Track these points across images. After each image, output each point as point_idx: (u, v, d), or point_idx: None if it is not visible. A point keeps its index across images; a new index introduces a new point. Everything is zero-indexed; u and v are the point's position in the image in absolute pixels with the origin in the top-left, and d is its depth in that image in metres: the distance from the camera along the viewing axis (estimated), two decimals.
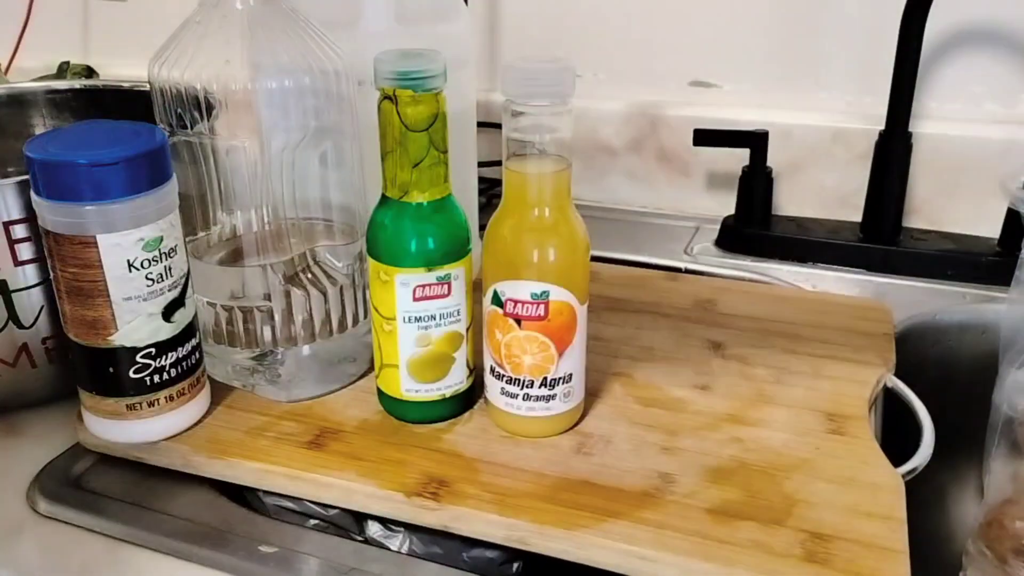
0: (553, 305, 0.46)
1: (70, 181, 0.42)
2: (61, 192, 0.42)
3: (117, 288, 0.44)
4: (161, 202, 0.45)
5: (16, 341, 0.51)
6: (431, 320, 0.48)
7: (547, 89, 0.43)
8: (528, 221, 0.46)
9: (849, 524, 0.42)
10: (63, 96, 0.71)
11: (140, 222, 0.44)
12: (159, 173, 0.44)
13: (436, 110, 0.45)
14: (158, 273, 0.45)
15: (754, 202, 0.78)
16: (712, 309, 0.64)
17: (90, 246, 0.43)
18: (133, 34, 1.06)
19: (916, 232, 0.76)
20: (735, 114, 0.81)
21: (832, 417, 0.51)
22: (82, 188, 0.42)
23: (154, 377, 0.47)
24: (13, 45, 1.03)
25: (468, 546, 0.46)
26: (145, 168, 0.43)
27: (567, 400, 0.48)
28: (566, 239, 0.46)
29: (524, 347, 0.47)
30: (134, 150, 0.43)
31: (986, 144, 0.75)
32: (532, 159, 0.45)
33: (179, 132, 0.48)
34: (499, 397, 0.49)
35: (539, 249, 0.45)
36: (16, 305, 0.50)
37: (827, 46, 0.79)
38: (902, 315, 0.66)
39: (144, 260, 0.44)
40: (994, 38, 0.74)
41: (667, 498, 0.44)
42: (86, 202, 0.42)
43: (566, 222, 0.46)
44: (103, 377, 0.46)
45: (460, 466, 0.47)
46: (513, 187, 0.46)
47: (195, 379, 0.49)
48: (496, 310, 0.47)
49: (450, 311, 0.48)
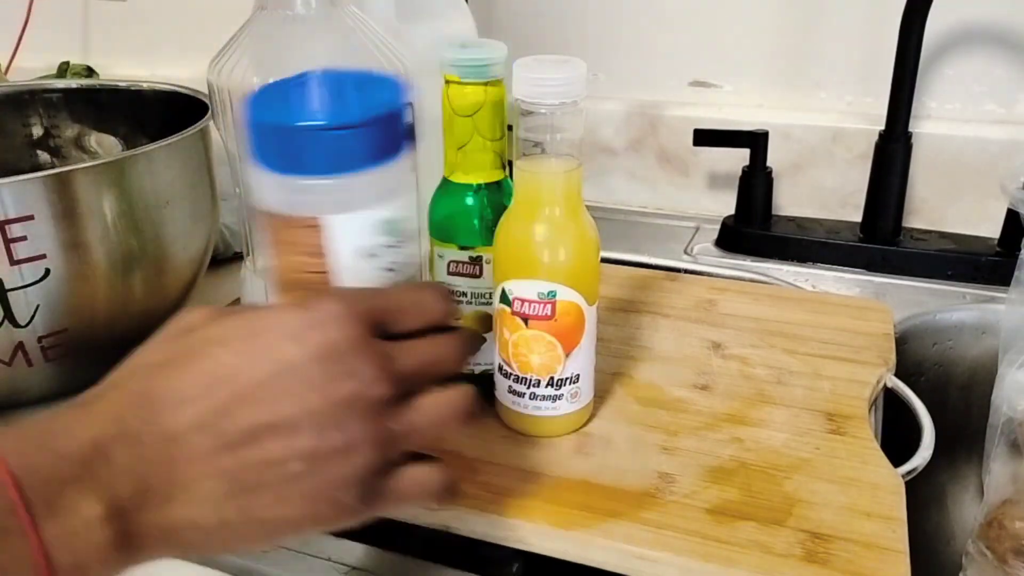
0: (560, 305, 0.46)
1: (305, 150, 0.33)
2: (292, 164, 0.34)
3: (345, 281, 0.37)
4: (403, 175, 0.37)
5: (12, 340, 0.51)
6: (462, 296, 0.50)
7: (558, 89, 0.43)
8: (538, 220, 0.46)
9: (849, 524, 0.42)
10: (61, 96, 0.71)
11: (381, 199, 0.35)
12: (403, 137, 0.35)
13: (482, 99, 0.47)
14: (397, 262, 0.37)
15: (754, 202, 0.78)
16: (712, 309, 0.64)
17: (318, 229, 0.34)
18: (133, 34, 1.06)
19: (916, 232, 0.76)
20: (735, 114, 0.81)
21: (832, 417, 0.51)
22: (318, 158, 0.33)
23: None
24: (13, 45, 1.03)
25: (468, 546, 0.46)
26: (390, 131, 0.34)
27: (574, 401, 0.48)
28: (575, 239, 0.46)
29: (531, 346, 0.47)
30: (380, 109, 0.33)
31: (986, 144, 0.74)
32: (543, 159, 0.45)
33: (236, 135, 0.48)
34: (506, 395, 0.49)
35: (548, 249, 0.46)
36: (12, 304, 0.50)
37: (827, 46, 0.79)
38: (902, 315, 0.66)
39: (381, 246, 0.37)
40: (994, 38, 0.74)
41: (667, 498, 0.44)
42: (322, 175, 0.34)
43: (576, 222, 0.46)
44: None
45: (460, 466, 0.46)
46: (523, 186, 0.46)
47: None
48: (504, 308, 0.47)
49: (481, 292, 0.50)
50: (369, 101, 0.34)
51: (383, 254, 0.37)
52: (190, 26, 1.01)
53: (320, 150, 0.33)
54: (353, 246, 0.36)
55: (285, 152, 0.33)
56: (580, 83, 0.43)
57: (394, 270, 0.38)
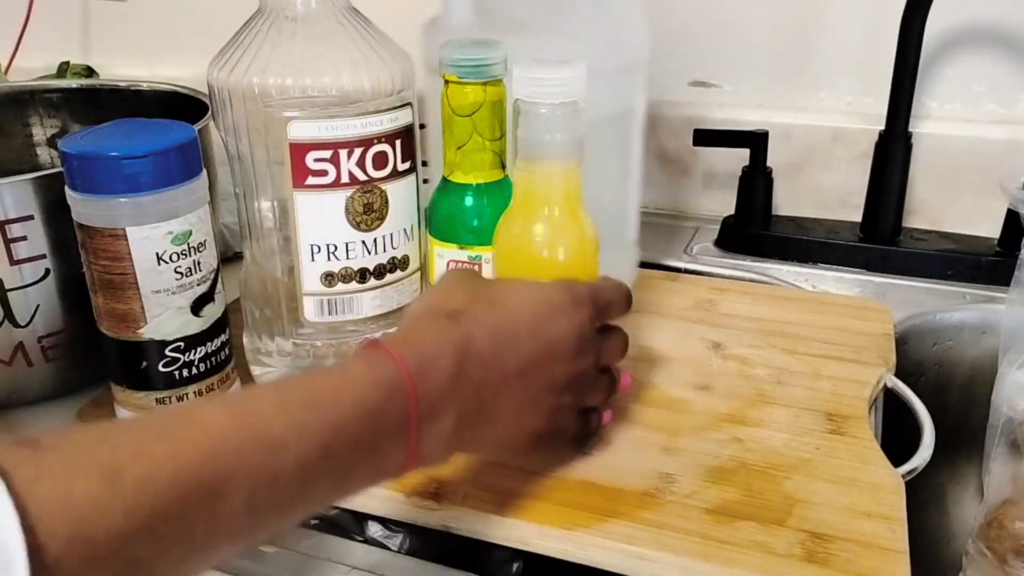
0: None
1: (103, 175, 0.43)
2: (94, 186, 0.43)
3: (146, 281, 0.45)
4: (191, 196, 0.45)
5: (12, 340, 0.51)
6: None
7: (558, 89, 0.43)
8: (537, 220, 0.46)
9: (849, 524, 0.42)
10: (61, 96, 0.71)
11: (169, 215, 0.44)
12: (190, 167, 0.45)
13: (481, 99, 0.47)
14: (187, 267, 0.45)
15: (754, 202, 0.78)
16: (712, 309, 0.64)
17: (120, 238, 0.43)
18: (133, 34, 1.06)
19: (916, 232, 0.76)
20: (735, 114, 0.81)
21: (832, 417, 0.51)
22: (114, 181, 0.43)
23: (183, 371, 0.47)
24: (13, 45, 1.03)
25: (468, 546, 0.46)
26: (175, 162, 0.44)
27: None
28: (575, 239, 0.46)
29: None
30: (164, 144, 0.43)
31: (986, 144, 0.74)
32: (542, 159, 0.45)
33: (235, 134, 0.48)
34: None
35: (548, 248, 0.46)
36: (12, 304, 0.50)
37: (827, 46, 0.79)
38: (902, 315, 0.66)
39: (173, 253, 0.45)
40: (994, 38, 0.74)
41: (667, 498, 0.44)
42: (118, 195, 0.43)
43: (575, 221, 0.46)
44: (133, 370, 0.47)
45: (460, 466, 0.46)
46: (522, 186, 0.46)
47: (224, 375, 0.50)
48: None
49: None
50: (157, 140, 0.43)
51: (177, 260, 0.45)
52: (190, 26, 1.01)
53: (118, 175, 0.42)
54: (150, 252, 0.44)
55: (93, 177, 0.43)
56: (580, 83, 0.43)
57: (187, 274, 0.46)
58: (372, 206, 0.49)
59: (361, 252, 0.50)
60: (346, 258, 0.50)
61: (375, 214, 0.49)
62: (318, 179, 0.47)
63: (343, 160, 0.47)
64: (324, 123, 0.46)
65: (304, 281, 0.50)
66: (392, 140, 0.49)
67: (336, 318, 0.51)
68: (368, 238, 0.50)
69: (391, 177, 0.49)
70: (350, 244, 0.49)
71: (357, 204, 0.48)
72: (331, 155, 0.47)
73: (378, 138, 0.48)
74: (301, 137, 0.47)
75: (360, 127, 0.47)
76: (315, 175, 0.47)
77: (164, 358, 0.46)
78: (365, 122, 0.47)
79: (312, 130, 0.46)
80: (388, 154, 0.49)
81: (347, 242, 0.49)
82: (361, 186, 0.48)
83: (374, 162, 0.48)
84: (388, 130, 0.48)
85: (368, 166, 0.48)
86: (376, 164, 0.48)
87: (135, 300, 0.45)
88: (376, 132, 0.48)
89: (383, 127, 0.48)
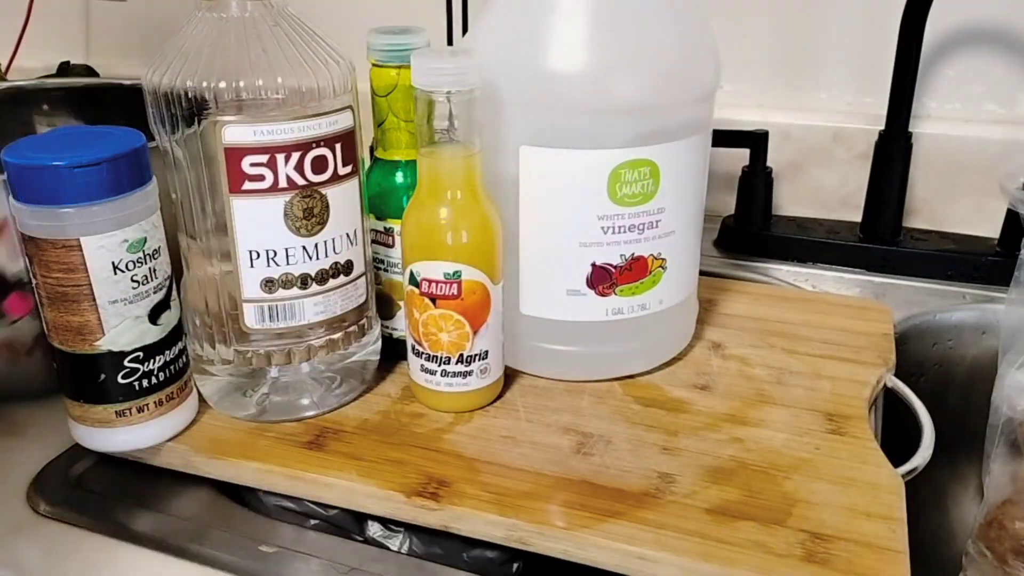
0: (466, 284, 0.48)
1: (51, 185, 0.41)
2: (42, 196, 0.42)
3: (103, 291, 0.43)
4: (144, 203, 0.44)
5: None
6: (380, 263, 0.55)
7: (452, 78, 0.45)
8: (441, 204, 0.48)
9: (849, 524, 0.42)
10: (62, 94, 0.71)
11: (123, 223, 0.43)
12: (140, 174, 0.44)
13: (395, 81, 0.51)
14: (143, 275, 0.45)
15: (754, 202, 0.78)
16: (712, 309, 0.64)
17: (74, 249, 0.42)
18: (133, 34, 1.06)
19: (916, 232, 0.76)
20: (735, 114, 0.81)
21: (832, 417, 0.51)
22: (64, 191, 0.41)
23: (142, 382, 0.46)
24: (13, 45, 1.03)
25: (468, 546, 0.46)
26: (127, 169, 0.43)
27: (484, 376, 0.51)
28: (477, 221, 0.48)
29: (440, 325, 0.49)
30: (114, 151, 0.42)
31: (986, 144, 0.75)
32: (444, 145, 0.48)
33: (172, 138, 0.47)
34: (419, 374, 0.51)
35: (452, 231, 0.48)
36: None
37: (827, 46, 0.79)
38: (902, 315, 0.66)
39: (129, 262, 0.44)
40: (994, 38, 0.74)
41: (667, 498, 0.44)
42: (68, 205, 0.42)
43: (477, 205, 0.49)
44: (91, 384, 0.45)
45: (460, 466, 0.47)
46: (426, 172, 0.49)
47: (183, 383, 0.49)
48: (413, 289, 0.49)
49: (394, 262, 0.54)
50: (105, 147, 0.42)
51: (133, 268, 0.44)
52: None
53: (70, 184, 0.41)
54: (105, 262, 0.43)
55: (42, 187, 0.41)
56: (473, 72, 0.46)
57: (143, 282, 0.45)
58: (312, 211, 0.48)
59: (302, 257, 0.49)
60: (286, 264, 0.48)
61: (316, 219, 0.48)
62: (255, 184, 0.46)
63: (280, 164, 0.46)
64: (260, 127, 0.45)
65: (244, 288, 0.49)
66: (332, 144, 0.48)
67: (278, 325, 0.50)
68: (309, 243, 0.48)
69: (332, 181, 0.48)
70: (290, 250, 0.48)
71: (297, 209, 0.47)
72: (268, 159, 0.46)
73: (316, 142, 0.47)
74: (236, 141, 0.45)
75: (297, 131, 0.46)
76: (252, 180, 0.46)
77: (123, 369, 0.45)
78: (303, 125, 0.46)
79: (247, 134, 0.45)
80: (328, 158, 0.48)
81: (287, 247, 0.48)
82: (300, 191, 0.47)
83: (313, 166, 0.47)
84: (327, 134, 0.47)
85: (307, 170, 0.47)
86: (315, 168, 0.47)
87: (91, 312, 0.43)
88: (314, 136, 0.47)
89: (321, 131, 0.47)
